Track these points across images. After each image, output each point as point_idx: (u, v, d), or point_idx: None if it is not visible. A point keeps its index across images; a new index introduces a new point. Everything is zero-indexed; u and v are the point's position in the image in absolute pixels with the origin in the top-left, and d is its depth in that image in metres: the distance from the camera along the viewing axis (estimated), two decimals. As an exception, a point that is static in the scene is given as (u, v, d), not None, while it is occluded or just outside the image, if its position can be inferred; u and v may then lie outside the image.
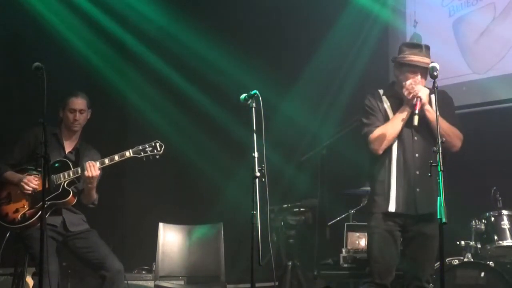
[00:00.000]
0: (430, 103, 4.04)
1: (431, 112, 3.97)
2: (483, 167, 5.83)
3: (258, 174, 3.67)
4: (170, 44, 7.18)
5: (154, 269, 5.75)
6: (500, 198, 5.16)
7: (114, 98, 7.00)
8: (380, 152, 4.07)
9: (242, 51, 6.89)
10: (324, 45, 6.97)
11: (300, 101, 7.04)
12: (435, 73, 3.80)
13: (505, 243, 5.00)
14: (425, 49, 4.11)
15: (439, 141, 3.63)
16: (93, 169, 4.55)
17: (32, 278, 4.63)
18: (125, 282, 4.79)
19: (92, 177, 4.56)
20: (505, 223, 5.04)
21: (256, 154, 3.71)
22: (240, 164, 6.18)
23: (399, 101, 4.13)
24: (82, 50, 6.86)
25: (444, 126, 3.96)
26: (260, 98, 3.81)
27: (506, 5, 6.13)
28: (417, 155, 4.05)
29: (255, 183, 3.66)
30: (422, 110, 3.98)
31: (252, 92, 3.84)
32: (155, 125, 6.92)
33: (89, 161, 4.58)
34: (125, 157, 4.63)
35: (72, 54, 6.72)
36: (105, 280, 4.51)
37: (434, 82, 3.81)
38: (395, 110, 4.12)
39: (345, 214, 5.86)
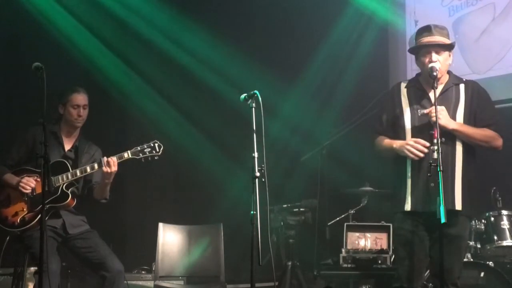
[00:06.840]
0: (463, 95, 3.95)
1: (458, 129, 3.86)
2: (483, 167, 5.81)
3: (258, 174, 3.67)
4: (170, 43, 7.18)
5: (154, 269, 5.75)
6: (500, 198, 5.16)
7: (114, 97, 7.00)
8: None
9: (242, 51, 6.89)
10: (323, 45, 6.98)
11: (299, 100, 7.05)
12: (434, 73, 3.81)
13: (504, 243, 5.00)
14: (434, 29, 3.97)
15: (439, 141, 3.63)
16: (112, 164, 4.48)
17: (34, 277, 4.61)
18: (125, 282, 4.77)
19: (111, 172, 4.50)
20: (504, 223, 5.04)
21: (256, 154, 3.71)
22: (240, 164, 6.18)
23: (420, 92, 4.00)
24: (82, 49, 6.86)
25: (477, 136, 3.89)
26: (260, 98, 3.81)
27: (506, 5, 6.13)
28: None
29: (255, 183, 3.66)
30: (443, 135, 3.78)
31: (252, 92, 3.83)
32: (155, 125, 6.92)
33: (110, 157, 4.50)
34: (124, 159, 4.57)
35: (72, 53, 6.72)
36: (105, 280, 4.48)
37: (433, 82, 3.82)
38: (412, 100, 3.99)
39: (345, 214, 5.86)
